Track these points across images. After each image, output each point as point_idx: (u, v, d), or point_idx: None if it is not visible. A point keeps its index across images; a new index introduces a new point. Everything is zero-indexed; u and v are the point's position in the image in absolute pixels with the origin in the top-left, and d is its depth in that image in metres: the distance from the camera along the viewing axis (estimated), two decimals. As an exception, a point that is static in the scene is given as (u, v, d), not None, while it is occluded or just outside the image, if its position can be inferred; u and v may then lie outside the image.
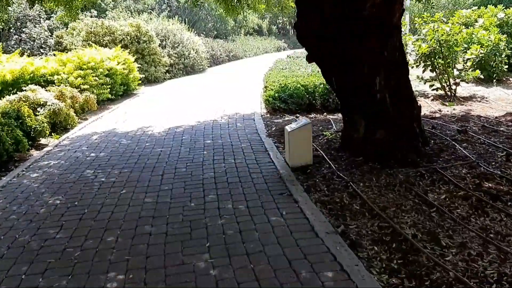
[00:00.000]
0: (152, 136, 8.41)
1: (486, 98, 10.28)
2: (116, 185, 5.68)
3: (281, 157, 6.52)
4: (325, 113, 9.62)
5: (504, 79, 12.23)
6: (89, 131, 9.33)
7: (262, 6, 10.07)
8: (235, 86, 15.29)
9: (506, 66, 12.01)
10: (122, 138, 8.41)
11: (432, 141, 6.32)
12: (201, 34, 29.05)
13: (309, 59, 6.08)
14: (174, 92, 14.92)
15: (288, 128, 6.08)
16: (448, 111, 8.94)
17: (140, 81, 15.74)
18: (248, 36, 40.19)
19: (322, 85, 10.24)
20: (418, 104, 6.07)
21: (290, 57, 20.92)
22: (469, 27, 13.36)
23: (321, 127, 8.14)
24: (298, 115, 9.64)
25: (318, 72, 13.25)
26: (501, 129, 7.13)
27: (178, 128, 9.04)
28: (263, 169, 6.02)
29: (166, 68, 19.19)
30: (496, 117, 8.08)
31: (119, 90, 13.71)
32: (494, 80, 11.85)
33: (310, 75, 12.50)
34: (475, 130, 7.16)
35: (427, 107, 9.69)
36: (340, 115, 9.36)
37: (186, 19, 30.04)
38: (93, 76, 12.10)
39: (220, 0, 9.82)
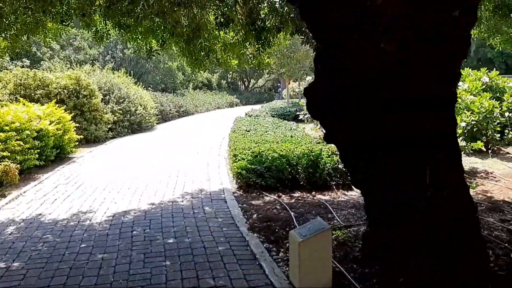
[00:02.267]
0: (90, 230, 6.24)
1: (492, 173, 9.01)
2: None
3: (280, 272, 4.61)
4: (313, 192, 7.87)
5: (496, 148, 11.19)
6: (3, 217, 7.02)
7: (235, 61, 8.45)
8: (192, 149, 13.36)
9: (499, 135, 11.00)
10: (47, 232, 6.18)
11: (490, 250, 4.68)
12: (149, 88, 27.26)
13: (328, 139, 4.33)
14: (118, 156, 12.74)
15: (296, 234, 4.23)
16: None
17: (77, 142, 13.47)
18: (198, 90, 38.87)
19: (305, 156, 8.58)
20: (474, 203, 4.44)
21: (250, 116, 19.40)
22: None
23: (318, 217, 6.35)
24: (280, 194, 7.83)
25: (291, 137, 11.72)
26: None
27: (125, 215, 6.93)
28: (263, 300, 4.07)
29: (109, 126, 17.01)
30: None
31: (50, 155, 11.40)
32: (490, 151, 10.76)
33: (283, 140, 10.88)
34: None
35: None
36: (333, 195, 7.68)
37: (132, 71, 28.22)
38: (16, 140, 9.79)
39: (185, 53, 8.09)
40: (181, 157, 12.14)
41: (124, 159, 12.17)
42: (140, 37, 8.18)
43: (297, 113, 17.46)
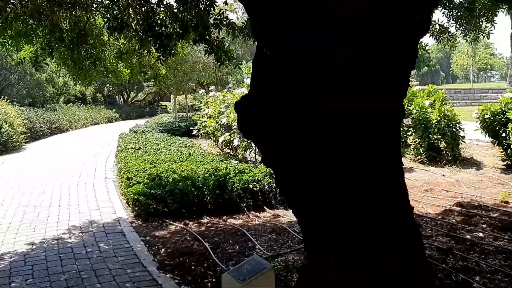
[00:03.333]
0: (-52, 287, 4.88)
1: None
2: None
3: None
4: (224, 217, 7.23)
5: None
6: None
7: (127, 71, 7.52)
8: (74, 172, 11.84)
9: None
10: None
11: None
12: (14, 102, 24.35)
13: (267, 162, 3.72)
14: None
15: (231, 279, 3.58)
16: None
17: None
18: (71, 105, 35.95)
19: (211, 176, 7.94)
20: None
21: (135, 132, 18.10)
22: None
23: (237, 246, 5.75)
24: (187, 221, 7.08)
25: (190, 155, 11.01)
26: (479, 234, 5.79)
27: (-2, 261, 5.64)
28: None
29: (-34, 148, 14.59)
30: (443, 217, 6.83)
31: None
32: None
33: (182, 159, 10.11)
34: (442, 240, 5.68)
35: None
36: (246, 218, 7.15)
37: (-8, 83, 25.03)
38: None
39: (67, 62, 6.97)
40: (61, 181, 10.66)
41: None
42: (9, 41, 6.91)
43: (191, 128, 16.69)
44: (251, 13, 3.33)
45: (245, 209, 7.60)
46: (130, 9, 7.04)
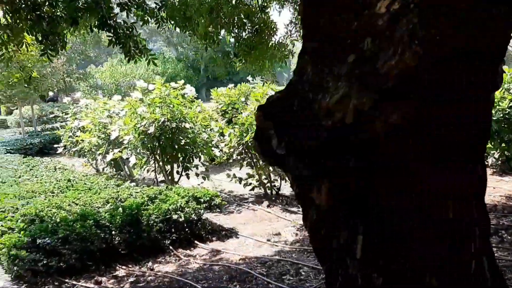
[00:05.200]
0: None
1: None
2: None
3: None
4: (149, 263, 5.52)
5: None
6: None
7: None
8: None
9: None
10: None
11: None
12: None
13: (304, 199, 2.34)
14: None
15: None
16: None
17: None
18: None
19: (120, 210, 6.12)
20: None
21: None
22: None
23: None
24: (97, 277, 5.20)
25: (69, 181, 8.83)
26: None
27: None
28: None
29: None
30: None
31: None
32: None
33: (61, 189, 7.94)
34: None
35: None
36: (177, 261, 5.58)
37: None
38: None
39: None
40: None
41: None
42: None
43: (54, 145, 13.84)
44: None
45: (170, 247, 5.98)
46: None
